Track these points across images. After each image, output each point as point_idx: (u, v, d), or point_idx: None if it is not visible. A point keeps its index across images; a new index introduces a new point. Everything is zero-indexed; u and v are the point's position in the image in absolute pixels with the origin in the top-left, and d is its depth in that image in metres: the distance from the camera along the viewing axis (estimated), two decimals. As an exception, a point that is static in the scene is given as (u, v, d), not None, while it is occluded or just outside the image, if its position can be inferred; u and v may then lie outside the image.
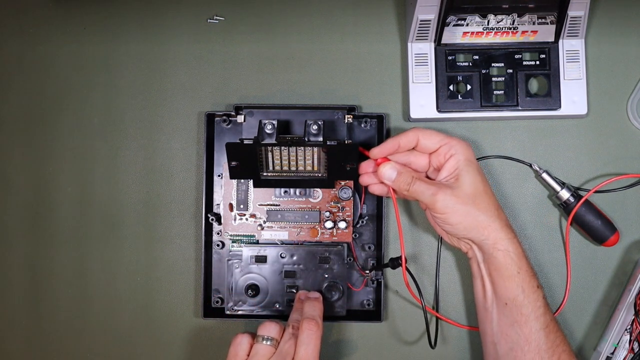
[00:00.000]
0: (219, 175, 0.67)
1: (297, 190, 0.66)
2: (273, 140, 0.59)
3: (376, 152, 0.61)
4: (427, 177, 0.62)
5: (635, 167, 0.68)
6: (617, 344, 0.65)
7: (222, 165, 0.66)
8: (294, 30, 0.69)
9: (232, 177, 0.62)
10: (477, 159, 0.67)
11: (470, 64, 0.66)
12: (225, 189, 0.66)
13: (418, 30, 0.64)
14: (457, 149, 0.59)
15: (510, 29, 0.65)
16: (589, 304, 0.68)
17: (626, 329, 0.65)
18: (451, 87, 0.66)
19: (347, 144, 0.62)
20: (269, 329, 0.57)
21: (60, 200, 0.68)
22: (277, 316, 0.65)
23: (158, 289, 0.68)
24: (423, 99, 0.66)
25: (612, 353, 0.65)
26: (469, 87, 0.66)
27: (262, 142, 0.59)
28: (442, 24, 0.64)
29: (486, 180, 0.60)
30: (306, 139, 0.59)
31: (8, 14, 0.69)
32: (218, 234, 0.67)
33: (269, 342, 0.57)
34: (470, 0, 0.62)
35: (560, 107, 0.66)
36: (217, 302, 0.67)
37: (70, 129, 0.69)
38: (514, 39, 0.66)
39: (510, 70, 0.66)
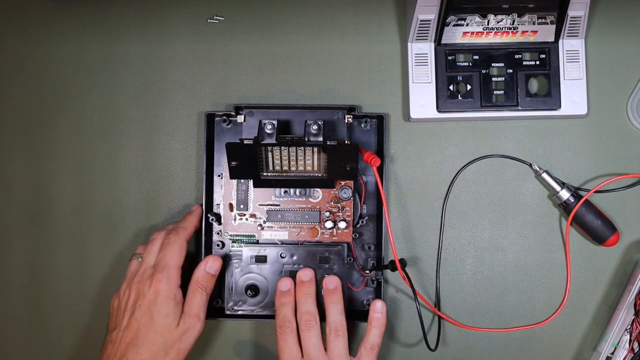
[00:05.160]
0: (219, 175, 0.67)
1: (297, 190, 0.66)
2: (273, 140, 0.59)
3: None
4: None
5: (635, 167, 0.68)
6: (617, 344, 0.65)
7: (222, 165, 0.66)
8: (294, 30, 0.69)
9: (232, 177, 0.62)
10: (478, 158, 0.68)
11: (470, 64, 0.66)
12: (225, 189, 0.66)
13: (418, 30, 0.64)
14: None
15: (510, 29, 0.65)
16: (589, 304, 0.68)
17: (626, 329, 0.65)
18: (451, 87, 0.66)
19: (347, 144, 0.62)
20: (141, 249, 0.65)
21: (60, 200, 0.68)
22: (277, 316, 0.65)
23: (158, 289, 0.68)
24: (423, 99, 0.66)
25: (612, 353, 0.65)
26: (469, 87, 0.66)
27: (262, 142, 0.59)
28: (442, 24, 0.64)
29: None
30: (306, 139, 0.59)
31: (8, 14, 0.69)
32: (218, 234, 0.67)
33: (139, 259, 0.63)
34: (470, 0, 0.62)
35: (560, 107, 0.66)
36: (217, 302, 0.67)
37: (70, 129, 0.69)
38: (514, 39, 0.66)
39: (510, 70, 0.66)
